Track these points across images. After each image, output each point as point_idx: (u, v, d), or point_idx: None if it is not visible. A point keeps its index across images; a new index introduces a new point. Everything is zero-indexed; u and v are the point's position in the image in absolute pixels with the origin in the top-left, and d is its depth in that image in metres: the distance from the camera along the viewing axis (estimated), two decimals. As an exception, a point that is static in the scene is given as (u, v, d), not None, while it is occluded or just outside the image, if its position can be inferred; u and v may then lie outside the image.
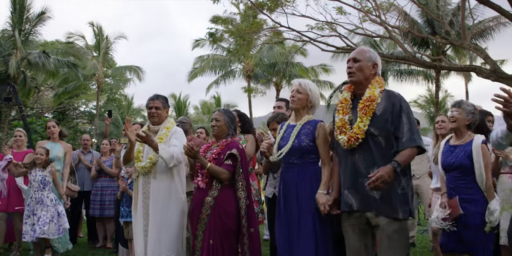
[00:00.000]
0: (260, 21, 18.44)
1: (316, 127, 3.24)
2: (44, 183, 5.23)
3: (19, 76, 20.71)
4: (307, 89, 3.34)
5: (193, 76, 27.58)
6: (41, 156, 5.24)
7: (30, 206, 5.17)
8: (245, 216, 3.46)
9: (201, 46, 27.17)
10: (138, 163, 3.89)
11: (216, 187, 3.49)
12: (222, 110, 3.79)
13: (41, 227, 5.00)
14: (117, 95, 38.96)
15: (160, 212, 3.75)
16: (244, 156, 3.59)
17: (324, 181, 3.12)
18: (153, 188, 3.81)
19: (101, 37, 28.42)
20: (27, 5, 21.51)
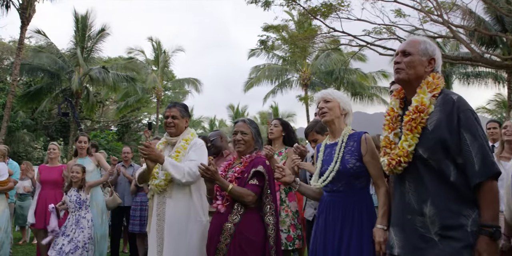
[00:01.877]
0: (314, 28, 17.93)
1: (361, 141, 2.61)
2: (80, 203, 5.02)
3: (82, 92, 21.46)
4: (335, 96, 2.76)
5: (249, 86, 27.36)
6: (77, 174, 5.04)
7: (66, 227, 4.98)
8: (274, 246, 2.87)
9: (256, 56, 26.92)
10: (153, 181, 3.42)
11: (238, 211, 2.92)
12: (248, 121, 3.22)
13: (73, 251, 4.77)
14: (177, 107, 39.65)
15: (177, 238, 3.23)
16: (272, 174, 3.00)
17: (381, 212, 2.45)
18: (169, 209, 3.32)
19: (160, 51, 29.05)
20: (89, 24, 22.37)
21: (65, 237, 4.89)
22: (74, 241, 4.82)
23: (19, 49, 17.42)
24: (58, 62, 21.10)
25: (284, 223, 4.04)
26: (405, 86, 2.31)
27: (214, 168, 2.88)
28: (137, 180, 3.63)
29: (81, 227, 4.91)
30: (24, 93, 21.48)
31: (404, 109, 2.31)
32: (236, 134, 3.14)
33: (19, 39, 17.75)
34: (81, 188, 5.05)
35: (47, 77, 21.25)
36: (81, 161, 5.47)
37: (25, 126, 22.88)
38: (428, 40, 2.33)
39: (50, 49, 21.59)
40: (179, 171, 3.20)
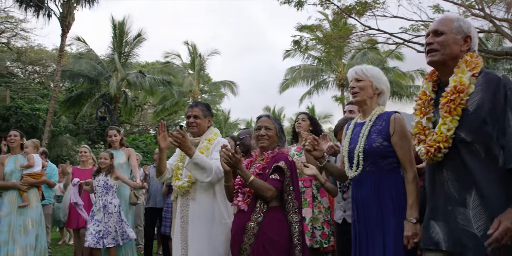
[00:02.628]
0: (349, 27, 17.63)
1: (390, 121, 2.48)
2: (107, 188, 5.10)
3: (120, 96, 21.95)
4: (368, 75, 2.61)
5: (285, 88, 27.21)
6: (105, 160, 5.13)
7: (93, 212, 5.08)
8: (299, 245, 2.75)
9: (292, 56, 26.76)
10: (176, 182, 3.36)
11: (261, 209, 2.80)
12: (272, 116, 3.10)
13: (106, 236, 4.88)
14: (214, 110, 40.11)
15: (200, 240, 3.16)
16: (295, 170, 2.91)
17: (410, 201, 2.31)
18: (192, 211, 3.24)
19: (196, 55, 29.35)
20: (126, 30, 22.89)
21: (95, 222, 4.99)
22: (105, 226, 4.93)
23: (60, 56, 18.03)
24: (97, 67, 21.67)
25: (318, 220, 3.93)
26: (440, 68, 2.15)
27: (239, 156, 2.78)
28: (155, 174, 3.61)
29: (109, 212, 5.00)
30: (66, 99, 22.16)
31: (437, 93, 2.16)
32: (259, 129, 3.02)
33: (60, 47, 18.38)
34: (109, 173, 5.14)
35: (87, 82, 21.86)
36: (114, 153, 5.54)
37: (68, 130, 23.59)
38: (462, 17, 2.17)
39: (89, 56, 22.22)
40: (206, 169, 3.10)
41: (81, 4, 18.72)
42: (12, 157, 5.27)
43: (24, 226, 4.95)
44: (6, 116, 19.84)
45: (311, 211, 3.95)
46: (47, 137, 16.62)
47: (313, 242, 3.86)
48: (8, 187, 5.10)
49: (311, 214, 3.94)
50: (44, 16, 18.31)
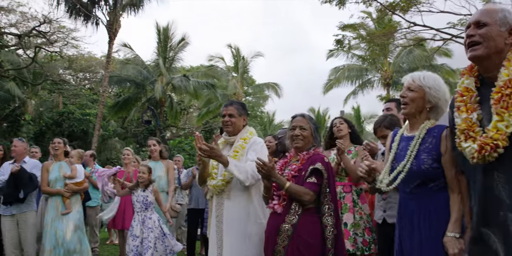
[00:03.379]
0: (393, 24, 17.19)
1: (441, 138, 2.24)
2: (146, 204, 5.05)
3: (166, 100, 22.42)
4: (423, 85, 2.33)
5: (329, 88, 26.89)
6: (143, 174, 5.08)
7: (133, 227, 5.05)
8: (332, 249, 2.67)
9: (335, 56, 26.42)
10: (211, 181, 3.34)
11: (296, 211, 2.74)
12: (307, 116, 3.03)
13: (145, 252, 4.82)
14: (258, 112, 40.20)
15: (235, 240, 3.13)
16: (331, 172, 2.82)
17: (454, 218, 2.13)
18: (227, 210, 3.22)
19: (239, 58, 29.56)
20: (170, 35, 23.36)
21: (134, 238, 4.95)
22: (144, 241, 4.87)
23: (108, 63, 18.65)
24: (143, 72, 22.24)
25: (359, 226, 3.81)
26: (482, 63, 1.98)
27: (271, 164, 2.73)
28: (197, 182, 3.60)
29: (148, 227, 4.96)
30: (114, 104, 22.87)
31: (480, 89, 2.00)
32: (294, 129, 2.96)
33: (107, 53, 19.00)
34: (147, 188, 5.09)
35: (134, 87, 22.48)
36: (153, 164, 5.58)
37: (116, 134, 24.35)
38: (508, 8, 1.98)
39: (135, 61, 22.87)
40: (243, 173, 3.09)
41: (127, 12, 19.31)
42: (57, 164, 5.45)
43: (67, 230, 5.12)
44: (59, 121, 20.71)
45: (352, 216, 3.84)
46: (97, 141, 17.19)
47: (355, 248, 3.75)
48: (52, 193, 5.31)
49: (352, 220, 3.83)
50: (92, 24, 19.01)
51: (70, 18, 18.64)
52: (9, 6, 18.93)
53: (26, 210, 5.44)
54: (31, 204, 5.54)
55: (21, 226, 5.42)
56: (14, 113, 20.60)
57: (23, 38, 17.63)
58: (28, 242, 5.40)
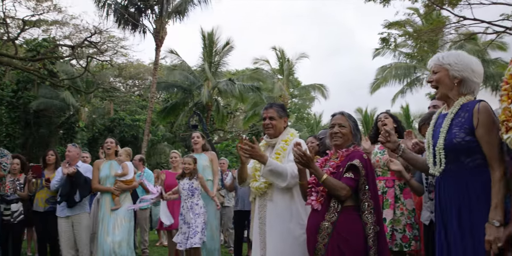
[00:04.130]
0: (441, 19, 16.66)
1: (473, 112, 2.17)
2: (192, 191, 5.26)
3: (212, 104, 22.76)
4: (443, 63, 2.33)
5: (376, 88, 26.35)
6: (189, 165, 5.29)
7: (182, 215, 5.28)
8: (374, 247, 2.61)
9: (382, 55, 25.91)
10: (253, 183, 3.37)
11: (335, 209, 2.71)
12: (346, 114, 3.00)
13: (192, 236, 5.04)
14: (304, 114, 40.03)
15: (279, 241, 3.14)
16: (370, 169, 2.77)
17: (495, 202, 2.04)
18: (270, 211, 3.23)
19: (284, 60, 29.55)
20: (215, 40, 23.71)
21: (183, 223, 5.20)
22: (192, 226, 5.10)
23: (155, 69, 19.19)
24: (190, 78, 22.69)
25: (399, 222, 3.72)
26: None
27: (311, 155, 2.73)
28: (237, 181, 3.63)
29: (196, 213, 5.17)
30: (162, 109, 23.46)
31: None
32: (333, 127, 2.94)
33: (155, 60, 19.55)
34: (193, 177, 5.29)
35: (181, 92, 22.97)
36: (197, 156, 5.72)
37: (165, 139, 24.96)
38: None
39: (182, 67, 23.38)
40: (282, 175, 3.11)
41: (172, 19, 19.82)
42: (107, 162, 5.66)
43: (117, 224, 5.34)
44: (111, 128, 21.50)
45: (392, 212, 3.75)
46: (146, 146, 17.69)
47: (392, 244, 3.66)
48: (103, 191, 5.55)
49: (392, 216, 3.73)
50: (140, 33, 19.67)
51: (119, 28, 19.40)
52: (63, 20, 19.89)
53: (79, 212, 5.69)
54: (84, 207, 5.79)
55: (76, 227, 5.67)
56: (69, 121, 21.58)
57: (76, 49, 18.44)
58: (82, 242, 5.64)
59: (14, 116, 19.99)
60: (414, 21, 17.66)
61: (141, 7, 19.58)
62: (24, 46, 20.79)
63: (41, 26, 20.62)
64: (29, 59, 17.40)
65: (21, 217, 5.96)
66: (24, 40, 20.69)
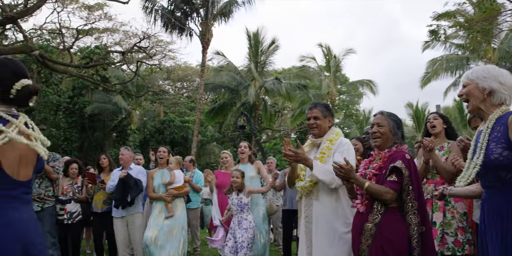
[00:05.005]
0: (495, 6, 15.91)
1: (507, 124, 2.10)
2: (241, 206, 5.27)
3: (260, 104, 22.88)
4: (472, 78, 2.30)
5: (426, 81, 25.52)
6: (237, 179, 5.31)
7: (231, 229, 5.30)
8: (418, 248, 2.58)
9: (432, 48, 25.08)
10: (299, 183, 3.40)
11: (378, 210, 2.71)
12: (386, 113, 2.98)
13: (239, 251, 5.06)
14: (353, 110, 39.45)
15: (324, 240, 3.15)
16: (414, 169, 2.73)
17: None
18: (316, 211, 3.25)
19: (330, 56, 29.24)
20: (260, 40, 23.81)
21: (231, 237, 5.22)
22: (239, 241, 5.10)
23: (202, 71, 19.52)
24: (236, 78, 22.91)
25: (450, 226, 3.61)
26: None
27: (349, 166, 2.74)
28: (287, 184, 3.65)
29: (244, 228, 5.17)
30: (210, 110, 23.85)
31: None
32: (372, 127, 2.95)
33: (202, 62, 19.90)
34: (241, 191, 5.30)
35: (228, 93, 23.25)
36: (243, 167, 5.78)
37: (214, 139, 25.36)
38: None
39: (228, 67, 23.65)
40: (328, 176, 3.13)
41: (218, 21, 20.09)
42: (159, 171, 5.86)
43: (170, 232, 5.47)
44: (161, 129, 22.12)
45: (442, 215, 3.64)
46: (196, 146, 18.04)
47: (443, 248, 3.55)
48: (156, 198, 5.74)
49: (441, 219, 3.63)
50: (186, 36, 20.08)
51: (166, 32, 19.89)
52: (113, 27, 20.66)
53: (133, 212, 5.92)
54: (138, 207, 6.01)
55: (130, 227, 5.90)
56: (122, 124, 22.40)
57: (126, 55, 19.11)
58: (136, 241, 5.87)
59: (71, 121, 21.00)
60: (466, 10, 16.96)
61: (187, 11, 19.98)
62: (78, 54, 21.79)
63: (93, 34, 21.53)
64: (83, 66, 18.21)
65: (79, 217, 6.27)
66: (78, 48, 21.69)
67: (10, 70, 2.00)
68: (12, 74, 1.99)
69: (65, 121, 21.13)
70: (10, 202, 1.88)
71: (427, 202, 3.70)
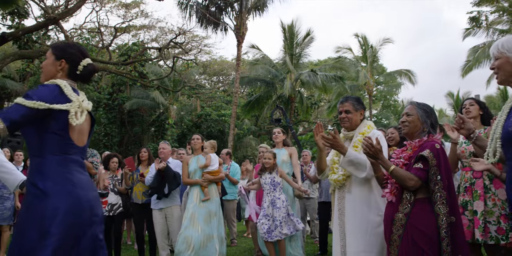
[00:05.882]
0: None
1: None
2: (274, 185, 5.43)
3: (295, 96, 22.82)
4: (503, 51, 2.27)
5: (468, 70, 24.68)
6: (269, 160, 5.47)
7: (264, 208, 5.46)
8: (446, 238, 2.56)
9: (473, 35, 24.22)
10: (332, 176, 3.42)
11: (408, 200, 2.71)
12: (415, 103, 2.98)
13: (274, 229, 5.23)
14: (391, 101, 38.71)
15: (358, 232, 3.17)
16: (443, 159, 2.69)
17: None
18: (348, 203, 3.28)
19: (367, 47, 28.76)
20: (295, 31, 23.67)
21: (264, 216, 5.38)
22: (274, 220, 5.27)
23: (238, 65, 19.64)
24: (272, 71, 22.90)
25: (492, 214, 3.52)
26: None
27: (379, 146, 2.75)
28: (316, 172, 3.68)
29: (277, 207, 5.33)
30: (246, 103, 23.99)
31: None
32: (402, 116, 2.96)
33: (237, 56, 20.03)
34: (273, 171, 5.46)
35: (264, 86, 23.27)
36: (278, 151, 5.89)
37: (251, 132, 25.50)
38: None
39: (264, 61, 23.66)
40: (361, 165, 3.15)
41: (252, 14, 20.12)
42: (194, 157, 5.98)
43: (206, 217, 5.59)
44: (198, 123, 22.45)
45: (483, 204, 3.56)
46: (233, 140, 18.22)
47: (487, 238, 3.47)
48: (192, 184, 5.86)
49: (483, 207, 3.55)
50: (221, 30, 20.24)
51: (201, 27, 20.13)
52: (150, 24, 21.05)
53: (171, 205, 6.09)
54: (176, 200, 6.18)
55: (169, 219, 6.08)
56: (160, 119, 22.88)
57: (163, 51, 19.43)
58: (174, 233, 6.03)
59: (110, 117, 21.63)
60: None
61: (221, 5, 20.11)
62: (116, 51, 22.35)
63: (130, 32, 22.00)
64: (121, 63, 18.67)
65: (120, 209, 6.50)
66: (116, 46, 22.25)
67: (77, 50, 2.34)
68: (79, 53, 2.33)
69: (105, 117, 21.76)
70: (76, 165, 2.18)
71: (467, 190, 3.67)
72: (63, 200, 2.04)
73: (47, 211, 2.00)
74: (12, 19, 15.68)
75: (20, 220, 2.07)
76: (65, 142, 2.13)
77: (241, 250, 7.36)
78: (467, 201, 3.65)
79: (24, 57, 15.74)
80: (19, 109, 2.00)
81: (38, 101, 2.03)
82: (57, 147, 2.11)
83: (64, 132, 2.13)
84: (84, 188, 2.15)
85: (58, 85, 2.17)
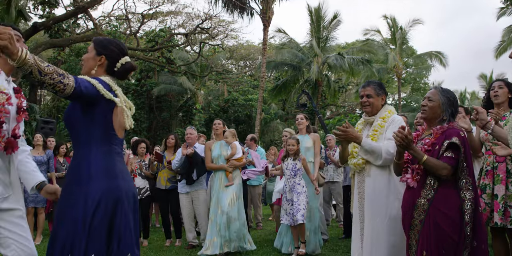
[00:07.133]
0: None
1: None
2: (295, 171, 5.50)
3: (323, 80, 22.65)
4: None
5: (502, 51, 23.88)
6: (292, 146, 5.53)
7: (285, 193, 5.56)
8: (470, 223, 2.58)
9: (508, 15, 23.34)
10: (351, 160, 3.46)
11: (431, 186, 2.71)
12: (439, 89, 2.94)
13: (296, 213, 5.31)
14: (421, 84, 37.92)
15: (376, 215, 3.20)
16: (467, 146, 2.71)
17: None
18: (368, 187, 3.30)
19: (396, 28, 28.13)
20: (322, 14, 23.35)
21: (286, 201, 5.50)
22: (295, 204, 5.37)
23: (264, 49, 19.57)
24: (298, 55, 22.74)
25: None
26: None
27: (411, 136, 2.73)
28: (339, 161, 3.73)
29: (298, 192, 5.42)
30: (273, 87, 23.96)
31: None
32: (423, 100, 2.95)
33: (263, 40, 19.94)
34: (296, 157, 5.53)
35: (291, 70, 23.17)
36: (301, 137, 5.91)
37: (278, 116, 25.53)
38: None
39: (290, 45, 23.48)
40: (376, 153, 3.20)
41: (278, -2, 19.90)
42: (217, 143, 6.06)
43: (230, 200, 5.69)
44: (225, 108, 22.59)
45: (504, 188, 3.52)
46: (259, 124, 18.31)
47: (507, 221, 3.45)
48: (216, 169, 5.94)
49: (504, 191, 3.50)
50: (247, 15, 20.14)
51: (227, 12, 20.05)
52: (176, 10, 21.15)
53: (197, 189, 6.25)
54: (202, 184, 6.33)
55: (195, 202, 6.24)
56: (187, 104, 23.13)
57: (190, 36, 19.53)
58: (201, 215, 6.21)
59: (139, 102, 22.01)
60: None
61: (247, -11, 19.99)
62: (144, 37, 22.59)
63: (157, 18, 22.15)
64: (149, 50, 18.88)
65: (148, 193, 6.71)
66: (143, 32, 22.47)
67: (117, 47, 2.38)
68: (119, 50, 2.38)
69: (134, 103, 21.93)
70: (118, 156, 2.27)
71: (488, 174, 3.64)
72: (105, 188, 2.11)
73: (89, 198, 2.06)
74: (43, 8, 16.04)
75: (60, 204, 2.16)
76: (110, 133, 2.22)
77: (266, 233, 7.50)
78: (487, 184, 3.62)
79: (55, 46, 16.12)
80: (86, 82, 2.07)
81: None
82: (103, 138, 2.19)
83: (110, 124, 2.21)
84: (125, 179, 2.23)
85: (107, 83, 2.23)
